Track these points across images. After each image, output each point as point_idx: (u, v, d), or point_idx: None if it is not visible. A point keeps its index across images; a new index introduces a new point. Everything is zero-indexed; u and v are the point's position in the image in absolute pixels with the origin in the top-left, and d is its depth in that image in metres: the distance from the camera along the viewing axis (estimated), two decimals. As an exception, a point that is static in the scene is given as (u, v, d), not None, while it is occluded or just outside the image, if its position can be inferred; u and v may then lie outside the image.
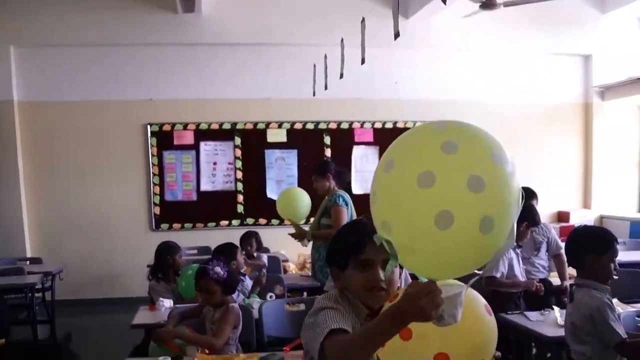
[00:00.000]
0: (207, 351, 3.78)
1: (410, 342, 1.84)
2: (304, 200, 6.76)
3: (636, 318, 4.23)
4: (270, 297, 5.55)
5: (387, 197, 1.79)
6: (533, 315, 4.79)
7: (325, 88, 7.94)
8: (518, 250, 5.58)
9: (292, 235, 6.71)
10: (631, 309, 4.64)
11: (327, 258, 2.50)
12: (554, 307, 4.83)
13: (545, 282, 5.83)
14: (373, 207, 1.87)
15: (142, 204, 9.91)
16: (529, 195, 6.11)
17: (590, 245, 3.63)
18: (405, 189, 1.70)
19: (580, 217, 10.01)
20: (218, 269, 4.09)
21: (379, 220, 1.83)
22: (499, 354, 2.05)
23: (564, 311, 4.61)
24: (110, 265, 9.68)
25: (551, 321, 4.58)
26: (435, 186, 1.64)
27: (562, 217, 10.54)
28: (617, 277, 3.72)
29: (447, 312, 1.72)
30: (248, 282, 5.77)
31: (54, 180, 9.62)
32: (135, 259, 8.57)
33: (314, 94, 8.48)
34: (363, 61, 6.31)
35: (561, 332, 4.22)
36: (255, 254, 7.09)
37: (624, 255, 7.11)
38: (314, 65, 8.20)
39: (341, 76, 7.01)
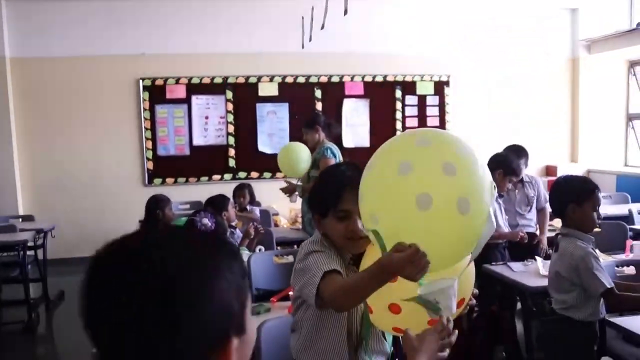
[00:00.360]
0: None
1: (395, 284, 1.94)
2: (304, 154, 6.76)
3: (615, 268, 4.32)
4: (260, 250, 5.59)
5: (372, 190, 1.91)
6: (516, 266, 4.88)
7: (310, 40, 7.96)
8: (500, 201, 5.62)
9: (283, 190, 6.76)
10: (611, 259, 4.73)
11: (308, 205, 2.56)
12: (536, 257, 4.92)
13: (534, 236, 5.91)
14: (361, 205, 1.97)
15: (134, 159, 9.95)
16: (519, 152, 6.13)
17: (570, 194, 3.67)
18: (387, 178, 1.85)
19: (567, 171, 10.02)
20: (205, 221, 4.13)
21: (367, 214, 1.92)
22: (476, 291, 2.15)
23: (547, 262, 4.72)
24: (104, 222, 9.67)
25: (534, 271, 4.67)
26: (414, 172, 1.78)
27: (550, 171, 10.62)
28: (599, 229, 3.77)
29: (443, 304, 1.82)
30: (239, 235, 5.82)
31: (47, 137, 9.62)
32: (129, 215, 8.34)
33: (302, 47, 8.51)
34: (345, 12, 6.35)
35: (543, 283, 4.33)
36: (247, 207, 7.15)
37: (610, 209, 7.22)
38: (302, 18, 8.20)
39: (322, 27, 7.02)
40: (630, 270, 4.33)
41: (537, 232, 6.04)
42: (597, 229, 3.70)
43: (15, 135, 9.41)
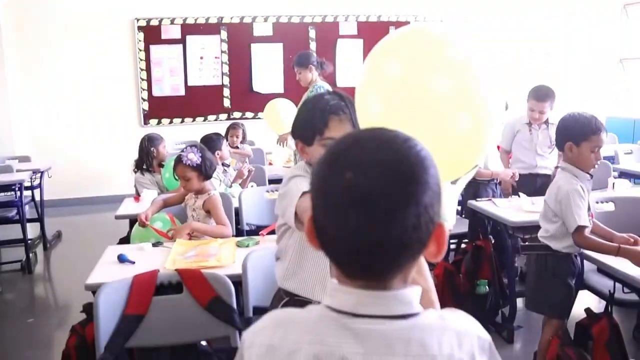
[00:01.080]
0: (188, 237, 3.98)
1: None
2: (289, 112, 6.87)
3: (595, 203, 4.39)
4: (251, 186, 5.66)
5: (403, 102, 1.75)
6: (500, 202, 5.00)
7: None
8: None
9: (278, 142, 6.95)
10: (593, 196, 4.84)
11: (292, 133, 2.55)
12: (520, 194, 5.03)
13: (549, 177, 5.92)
14: (367, 104, 1.84)
15: (130, 99, 10.02)
16: (544, 93, 6.05)
17: (571, 131, 3.68)
18: (423, 93, 1.71)
19: (558, 112, 10.11)
20: (191, 155, 4.20)
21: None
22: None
23: (530, 198, 4.85)
24: (100, 163, 9.79)
25: (517, 208, 4.78)
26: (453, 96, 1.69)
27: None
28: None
29: (449, 215, 1.78)
30: (231, 174, 5.90)
31: (41, 77, 9.66)
32: (125, 155, 8.44)
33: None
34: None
35: (526, 218, 4.47)
36: (239, 146, 7.24)
37: (599, 149, 7.33)
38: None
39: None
40: (610, 206, 4.44)
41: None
42: (593, 169, 3.70)
43: (9, 76, 9.37)
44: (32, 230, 7.53)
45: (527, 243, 4.13)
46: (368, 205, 1.07)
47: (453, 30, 1.82)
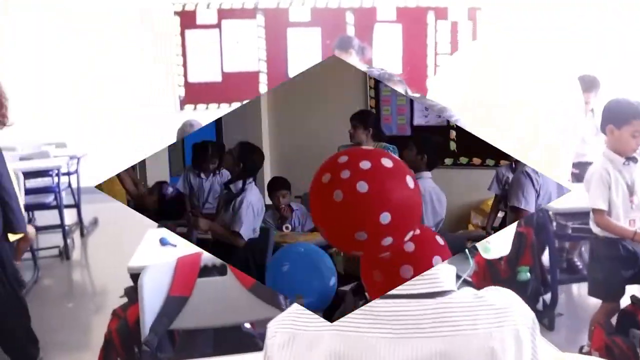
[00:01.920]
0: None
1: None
2: None
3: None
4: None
5: None
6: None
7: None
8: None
9: None
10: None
11: None
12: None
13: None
14: None
15: (166, 85, 10.01)
16: (591, 83, 5.95)
17: (612, 114, 3.72)
18: None
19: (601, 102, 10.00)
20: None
21: None
22: None
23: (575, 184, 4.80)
24: (136, 149, 9.80)
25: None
26: None
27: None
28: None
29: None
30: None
31: (76, 60, 9.63)
32: (162, 141, 8.43)
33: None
34: None
35: (566, 205, 4.46)
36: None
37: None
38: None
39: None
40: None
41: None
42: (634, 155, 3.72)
43: (45, 63, 9.41)
44: (69, 216, 7.57)
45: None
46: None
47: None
